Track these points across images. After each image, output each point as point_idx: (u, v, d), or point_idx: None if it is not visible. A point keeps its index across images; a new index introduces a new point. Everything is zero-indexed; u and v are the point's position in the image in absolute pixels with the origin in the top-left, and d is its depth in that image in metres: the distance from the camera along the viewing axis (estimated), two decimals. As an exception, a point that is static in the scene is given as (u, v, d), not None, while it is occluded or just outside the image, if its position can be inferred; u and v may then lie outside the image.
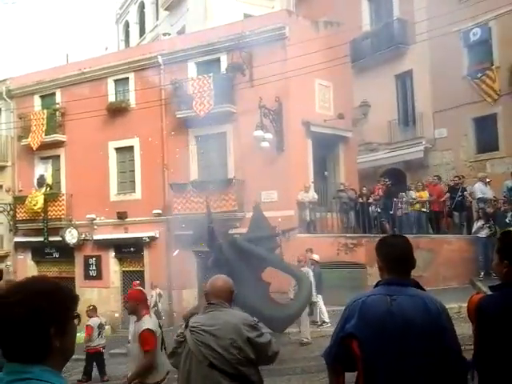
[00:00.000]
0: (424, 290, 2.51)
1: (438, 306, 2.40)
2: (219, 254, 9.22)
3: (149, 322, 4.74)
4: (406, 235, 10.54)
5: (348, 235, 13.89)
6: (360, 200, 14.68)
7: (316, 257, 11.44)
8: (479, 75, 16.32)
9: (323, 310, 11.00)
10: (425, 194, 13.98)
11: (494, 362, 2.34)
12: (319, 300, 10.92)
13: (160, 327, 5.02)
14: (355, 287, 11.46)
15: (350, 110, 16.50)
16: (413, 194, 14.22)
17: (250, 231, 10.42)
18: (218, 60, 15.98)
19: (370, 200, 14.59)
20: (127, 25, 28.59)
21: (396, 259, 2.50)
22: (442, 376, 2.29)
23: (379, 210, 14.31)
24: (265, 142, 13.80)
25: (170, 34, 20.74)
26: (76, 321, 1.63)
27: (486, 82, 16.16)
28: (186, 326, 3.19)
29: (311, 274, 10.30)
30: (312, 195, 14.42)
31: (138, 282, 15.17)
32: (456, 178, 14.39)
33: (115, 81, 17.91)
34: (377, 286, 2.54)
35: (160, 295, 14.66)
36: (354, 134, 16.80)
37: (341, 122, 15.63)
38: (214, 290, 3.25)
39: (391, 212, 14.15)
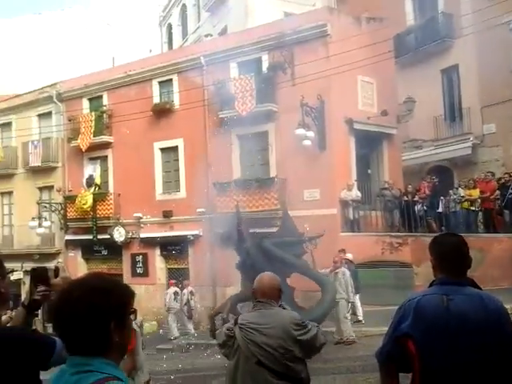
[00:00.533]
0: (480, 288, 2.46)
1: (496, 304, 2.35)
2: (246, 256, 9.40)
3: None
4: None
5: (393, 234, 13.67)
6: (405, 198, 14.41)
7: (349, 256, 11.39)
8: (530, 68, 15.67)
9: (359, 310, 10.93)
10: (475, 192, 13.55)
11: None
12: (356, 299, 10.80)
13: (140, 327, 5.06)
14: (401, 287, 11.32)
15: (394, 107, 16.21)
16: (461, 191, 13.82)
17: (279, 236, 10.57)
18: (260, 59, 16.06)
19: (416, 198, 14.30)
20: (170, 27, 29.12)
21: (450, 258, 2.45)
22: (500, 373, 2.25)
23: (425, 209, 14.01)
24: (307, 141, 13.78)
25: (211, 35, 20.99)
26: (132, 316, 1.69)
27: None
28: (236, 323, 3.22)
29: (347, 273, 10.14)
30: (355, 193, 14.29)
31: (173, 281, 15.63)
32: (506, 175, 13.90)
33: (159, 82, 18.30)
34: (431, 285, 2.50)
35: (192, 293, 15.02)
36: (399, 130, 16.50)
37: (385, 119, 15.38)
38: (261, 288, 3.24)
39: (438, 210, 13.80)
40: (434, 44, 18.02)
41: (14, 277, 20.11)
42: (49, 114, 21.30)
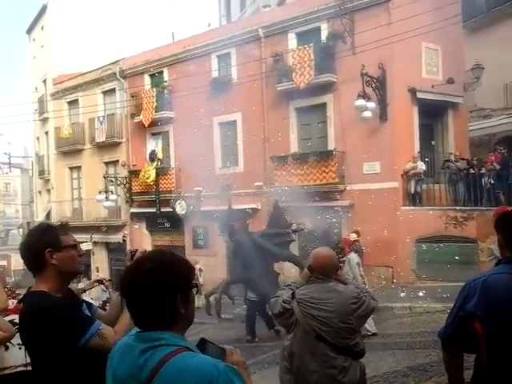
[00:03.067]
0: None
1: None
2: (238, 246, 10.61)
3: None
4: (523, 209, 9.46)
5: (458, 208, 13.09)
6: (471, 171, 13.72)
7: (353, 235, 11.33)
8: None
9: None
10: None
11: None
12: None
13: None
14: (465, 263, 10.94)
15: (460, 74, 15.37)
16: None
17: (269, 226, 11.43)
18: (319, 29, 15.65)
19: (483, 170, 13.58)
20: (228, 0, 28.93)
21: None
22: None
23: (493, 182, 13.28)
24: (367, 112, 13.35)
25: (269, 6, 20.67)
26: (194, 290, 1.76)
27: None
28: (293, 297, 3.22)
29: (354, 260, 9.23)
30: (419, 166, 13.77)
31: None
32: None
33: (218, 56, 18.33)
34: (498, 264, 2.39)
35: (200, 270, 15.74)
36: (465, 99, 15.64)
37: (450, 87, 14.61)
38: (317, 264, 3.22)
39: (508, 183, 13.05)
40: (507, 5, 16.73)
41: (83, 247, 21.33)
42: (113, 90, 22.00)
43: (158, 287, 1.60)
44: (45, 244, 2.35)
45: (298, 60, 15.32)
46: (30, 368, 2.59)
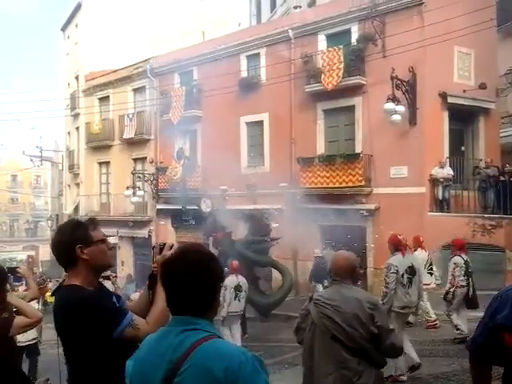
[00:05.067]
0: None
1: None
2: (221, 254, 11.37)
3: None
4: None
5: (486, 215, 12.86)
6: (502, 178, 13.46)
7: (317, 251, 13.42)
8: None
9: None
10: None
11: None
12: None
13: None
14: (492, 271, 10.75)
15: (493, 79, 15.06)
16: None
17: (249, 234, 12.71)
18: (349, 31, 15.58)
19: (514, 178, 13.30)
20: (259, 0, 28.97)
21: None
22: None
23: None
24: (396, 115, 13.22)
25: (300, 7, 20.63)
26: (222, 284, 1.90)
27: None
28: (310, 300, 3.29)
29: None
30: (447, 171, 13.59)
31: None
32: None
33: (247, 57, 18.41)
34: None
35: None
36: (497, 105, 15.33)
37: (482, 93, 14.35)
38: (334, 267, 3.31)
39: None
40: (545, 9, 16.32)
41: (110, 241, 21.70)
42: (143, 88, 22.33)
43: (205, 277, 1.74)
44: (75, 240, 2.42)
45: (328, 62, 15.28)
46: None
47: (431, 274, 8.95)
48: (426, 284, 8.86)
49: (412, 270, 6.57)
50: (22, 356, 7.26)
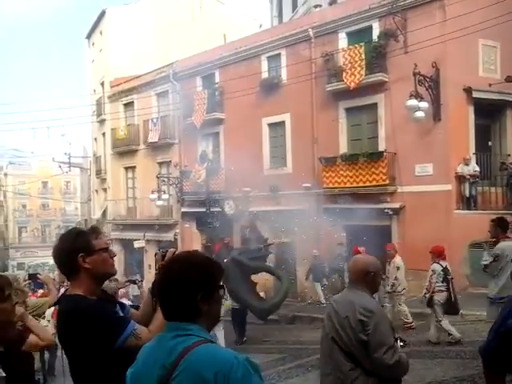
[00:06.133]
0: None
1: None
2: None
3: None
4: None
5: (515, 213, 12.51)
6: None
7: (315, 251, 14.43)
8: None
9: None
10: None
11: None
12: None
13: None
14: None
15: (521, 72, 14.61)
16: None
17: (245, 242, 13.35)
18: (370, 28, 15.36)
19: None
20: (280, 0, 28.90)
21: None
22: None
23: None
24: (419, 112, 12.94)
25: (321, 6, 20.46)
26: (221, 291, 1.87)
27: None
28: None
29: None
30: (473, 168, 13.25)
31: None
32: None
33: (268, 57, 18.37)
34: None
35: None
36: (526, 98, 14.86)
37: (509, 86, 13.91)
38: (349, 270, 3.37)
39: None
40: None
41: (137, 245, 22.01)
42: (166, 92, 22.53)
43: (183, 284, 1.74)
44: (77, 249, 2.42)
45: (349, 60, 15.12)
46: None
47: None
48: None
49: None
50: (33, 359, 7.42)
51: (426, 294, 8.66)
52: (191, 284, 1.75)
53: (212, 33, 25.69)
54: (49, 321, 8.38)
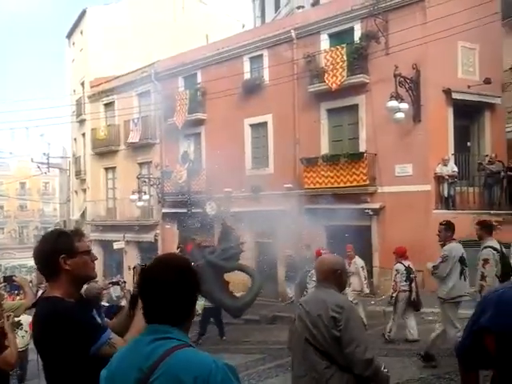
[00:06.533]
0: None
1: None
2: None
3: None
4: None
5: (492, 212, 12.66)
6: (508, 173, 13.24)
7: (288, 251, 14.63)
8: None
9: None
10: None
11: None
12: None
13: None
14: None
15: (498, 74, 14.83)
16: None
17: (218, 243, 13.28)
18: (352, 29, 15.46)
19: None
20: (263, 1, 28.93)
21: None
22: None
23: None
24: (400, 113, 13.04)
25: (303, 7, 20.55)
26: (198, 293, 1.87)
27: None
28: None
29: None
30: (451, 168, 13.40)
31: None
32: None
33: (250, 58, 18.36)
34: None
35: None
36: (503, 100, 15.09)
37: (487, 88, 14.13)
38: (317, 270, 3.36)
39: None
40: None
41: (116, 246, 21.75)
42: (147, 92, 22.35)
43: (185, 287, 1.74)
44: (59, 250, 2.38)
45: (331, 61, 15.18)
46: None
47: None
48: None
49: None
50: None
51: (393, 293, 8.99)
52: (193, 288, 1.77)
53: (194, 33, 25.59)
54: (26, 331, 8.21)
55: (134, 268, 2.50)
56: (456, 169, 13.48)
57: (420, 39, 12.95)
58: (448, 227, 6.91)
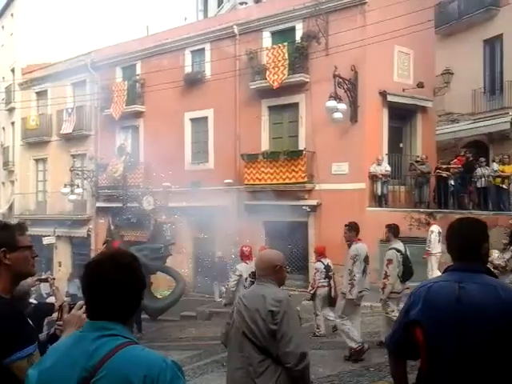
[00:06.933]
0: (496, 277, 2.34)
1: (511, 295, 2.19)
2: None
3: None
4: (483, 212, 9.87)
5: (422, 210, 13.28)
6: (437, 173, 13.93)
7: (219, 253, 15.16)
8: None
9: None
10: (509, 169, 12.89)
11: None
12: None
13: None
14: (426, 264, 11.08)
15: (431, 79, 15.54)
16: (496, 166, 13.23)
17: (148, 242, 13.34)
18: (294, 28, 15.61)
19: (448, 173, 13.79)
20: (206, -5, 28.69)
21: (459, 246, 2.35)
22: (507, 370, 2.11)
23: (454, 184, 13.55)
24: (338, 113, 13.31)
25: (246, 3, 20.58)
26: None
27: None
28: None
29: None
30: (385, 168, 13.89)
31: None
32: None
33: (192, 52, 18.11)
34: (445, 271, 2.39)
35: None
36: (435, 103, 15.84)
37: (420, 91, 14.76)
38: (256, 265, 3.39)
39: (470, 187, 13.31)
40: (477, 13, 17.08)
41: (46, 241, 20.78)
42: (83, 82, 21.53)
43: (132, 282, 1.70)
44: (0, 243, 2.26)
45: (273, 59, 15.27)
46: None
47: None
48: None
49: (255, 274, 7.64)
50: None
51: (310, 290, 9.44)
52: (141, 283, 1.74)
53: (134, 23, 24.88)
54: None
55: (61, 306, 2.32)
56: (389, 168, 13.98)
57: (359, 42, 13.26)
58: (351, 228, 7.33)
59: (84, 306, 2.18)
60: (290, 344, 2.91)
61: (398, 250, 7.39)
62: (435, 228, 10.88)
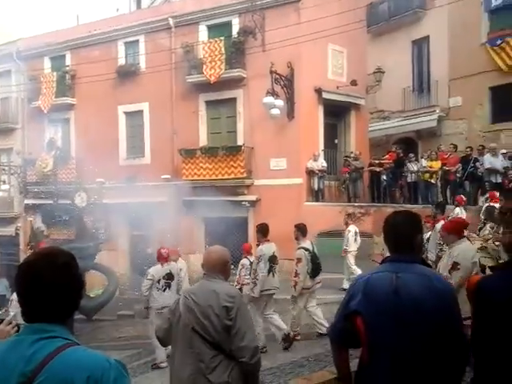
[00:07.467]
0: (430, 266, 2.49)
1: (444, 284, 2.35)
2: None
3: None
4: (414, 205, 10.42)
5: (356, 204, 13.79)
6: (370, 168, 14.50)
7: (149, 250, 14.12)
8: (499, 42, 15.72)
9: None
10: (436, 164, 13.68)
11: (491, 348, 2.17)
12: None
13: None
14: (361, 256, 11.52)
15: (363, 77, 16.08)
16: (424, 162, 13.98)
17: (75, 240, 13.54)
18: (230, 23, 15.59)
19: (380, 169, 14.40)
20: (139, -15, 27.89)
21: (395, 238, 2.46)
22: (443, 357, 2.25)
23: (386, 179, 14.18)
24: (275, 109, 13.49)
25: (181, -5, 20.19)
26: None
27: (506, 49, 15.57)
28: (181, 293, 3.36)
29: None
30: (321, 163, 14.27)
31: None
32: (468, 149, 14.06)
33: (125, 43, 17.62)
34: (383, 262, 2.51)
35: None
36: (367, 101, 16.45)
37: (354, 89, 15.25)
38: (205, 261, 3.37)
39: (400, 181, 13.98)
40: (406, 14, 17.89)
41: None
42: (8, 72, 20.33)
43: (71, 282, 1.65)
44: None
45: (209, 53, 15.17)
46: None
47: None
48: None
49: (170, 276, 8.25)
50: None
51: (236, 286, 9.43)
52: (80, 282, 1.69)
53: (64, 12, 23.83)
54: None
55: None
56: (325, 164, 14.39)
57: (294, 39, 13.44)
58: (258, 230, 7.82)
59: (13, 321, 2.13)
60: (244, 339, 2.98)
61: (307, 249, 7.79)
62: (352, 228, 11.30)
